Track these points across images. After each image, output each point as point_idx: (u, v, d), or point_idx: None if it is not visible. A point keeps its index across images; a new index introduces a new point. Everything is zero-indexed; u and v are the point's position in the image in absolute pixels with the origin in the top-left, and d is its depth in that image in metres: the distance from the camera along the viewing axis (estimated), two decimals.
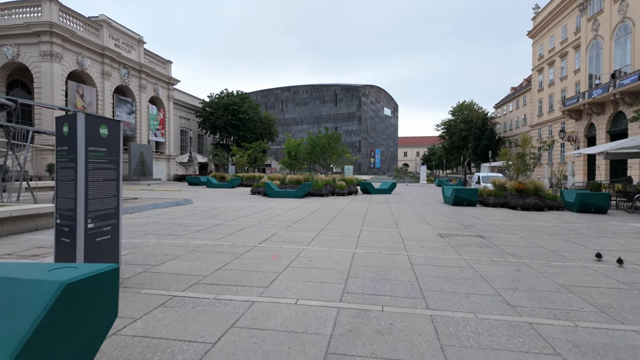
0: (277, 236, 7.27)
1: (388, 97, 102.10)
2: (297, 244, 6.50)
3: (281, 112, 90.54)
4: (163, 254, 5.59)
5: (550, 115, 38.96)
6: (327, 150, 22.61)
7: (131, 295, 3.76)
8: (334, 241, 6.88)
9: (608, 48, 27.91)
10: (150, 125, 37.41)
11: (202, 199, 16.62)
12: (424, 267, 5.12)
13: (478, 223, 10.00)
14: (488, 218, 11.26)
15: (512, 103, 55.79)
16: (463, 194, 15.30)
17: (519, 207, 14.09)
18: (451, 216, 11.57)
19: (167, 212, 11.14)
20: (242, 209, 12.40)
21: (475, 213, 12.63)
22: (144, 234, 7.40)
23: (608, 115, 27.52)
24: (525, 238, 7.70)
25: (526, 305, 3.69)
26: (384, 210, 12.92)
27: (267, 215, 10.71)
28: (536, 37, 42.47)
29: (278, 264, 5.12)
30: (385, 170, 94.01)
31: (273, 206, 13.72)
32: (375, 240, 7.10)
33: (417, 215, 11.76)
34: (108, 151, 4.11)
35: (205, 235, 7.23)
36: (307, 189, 18.43)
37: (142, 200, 13.84)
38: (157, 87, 38.33)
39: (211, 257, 5.46)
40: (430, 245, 6.73)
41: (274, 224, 8.92)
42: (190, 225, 8.54)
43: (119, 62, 32.81)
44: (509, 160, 16.10)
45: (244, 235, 7.28)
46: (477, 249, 6.43)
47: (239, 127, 49.84)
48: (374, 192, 23.10)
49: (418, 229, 8.64)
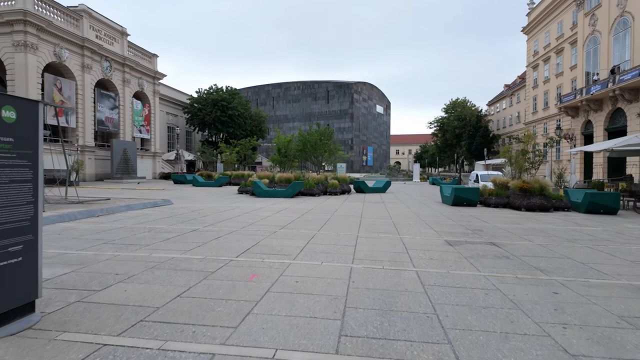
0: (259, 246, 6.19)
1: (380, 95, 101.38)
2: (282, 257, 5.43)
3: (272, 109, 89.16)
4: (113, 274, 4.47)
5: (545, 113, 38.42)
6: (318, 147, 21.51)
7: (39, 347, 2.65)
8: (327, 252, 5.83)
9: (606, 43, 27.27)
10: (135, 121, 35.87)
11: (184, 199, 15.44)
12: (439, 289, 4.10)
13: (485, 227, 9.04)
14: (494, 220, 10.32)
15: (506, 100, 55.32)
16: (463, 193, 14.38)
17: (524, 208, 13.21)
18: (454, 218, 10.61)
19: (140, 215, 9.98)
20: (225, 211, 11.28)
21: (478, 214, 11.69)
22: (102, 243, 6.26)
23: (606, 112, 26.91)
24: (544, 246, 6.75)
25: (592, 355, 2.68)
26: (381, 212, 11.91)
27: (251, 219, 9.62)
28: (531, 33, 41.88)
29: (256, 287, 4.05)
30: (378, 168, 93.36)
31: (260, 207, 12.62)
32: (375, 250, 6.07)
33: (416, 217, 10.78)
34: (17, 143, 2.98)
35: (174, 246, 6.12)
36: (298, 188, 17.35)
37: (115, 201, 12.63)
38: (141, 82, 36.76)
39: (173, 277, 4.37)
40: (440, 256, 5.72)
41: (258, 230, 7.83)
42: (160, 232, 7.41)
43: (100, 54, 31.22)
44: (511, 158, 15.22)
45: (221, 245, 6.19)
46: (495, 262, 5.44)
47: (228, 124, 48.47)
48: (368, 191, 22.12)
49: (422, 235, 7.63)
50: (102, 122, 31.76)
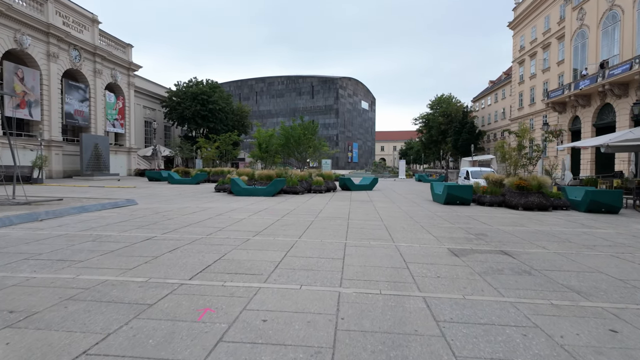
0: (224, 261, 4.98)
1: (365, 90, 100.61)
2: (250, 278, 4.24)
3: (256, 104, 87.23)
4: (6, 311, 3.20)
5: (532, 108, 38.15)
6: (302, 143, 20.24)
7: None
8: (309, 268, 4.66)
9: (595, 38, 26.89)
10: (108, 115, 33.81)
11: (153, 198, 14.02)
12: (460, 329, 2.99)
13: (487, 230, 8.04)
14: (493, 221, 9.36)
15: (491, 96, 55.18)
16: (456, 191, 13.44)
17: (521, 207, 12.34)
18: (450, 219, 9.60)
19: (92, 219, 8.59)
20: (195, 213, 9.98)
21: (474, 214, 10.73)
22: (23, 258, 4.93)
23: (594, 108, 26.56)
24: (563, 255, 5.76)
25: None
26: (370, 212, 10.82)
27: (223, 222, 8.37)
28: (517, 28, 41.53)
29: (204, 332, 2.85)
30: (363, 164, 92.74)
31: (236, 208, 11.35)
32: (367, 264, 4.94)
33: (409, 218, 9.72)
34: None
35: (114, 262, 4.85)
36: (280, 186, 16.12)
37: (69, 202, 11.14)
38: (115, 73, 34.66)
39: (91, 315, 3.12)
40: (448, 272, 4.63)
41: (227, 238, 6.60)
42: (106, 241, 6.10)
43: (68, 42, 29.08)
44: (505, 153, 14.35)
45: (175, 261, 4.95)
46: (516, 279, 4.39)
47: (209, 119, 46.69)
48: (355, 188, 21.06)
49: (419, 242, 6.55)
50: (71, 115, 29.68)
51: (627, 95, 23.01)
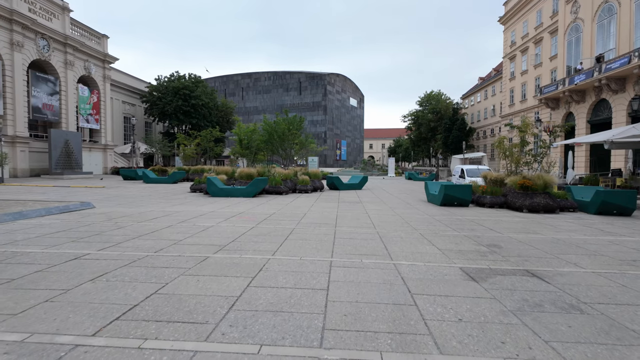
0: (159, 297, 3.58)
1: (354, 87, 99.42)
2: (186, 331, 2.85)
3: (242, 100, 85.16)
4: None
5: (523, 105, 37.44)
6: (287, 138, 18.77)
7: None
8: (277, 310, 3.30)
9: (589, 31, 26.10)
10: (81, 110, 31.73)
11: (116, 200, 12.46)
12: None
13: (498, 239, 6.82)
14: (500, 227, 8.17)
15: (481, 93, 54.54)
16: (454, 192, 12.25)
17: (525, 209, 11.21)
18: (452, 225, 8.37)
19: (24, 228, 7.06)
20: (155, 219, 8.52)
21: (477, 218, 9.54)
22: None
23: (589, 104, 25.81)
24: (605, 276, 4.54)
25: None
26: (361, 217, 9.52)
27: (184, 232, 6.95)
28: (508, 23, 40.75)
29: None
30: (352, 162, 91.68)
31: (207, 212, 9.92)
32: (360, 299, 3.60)
33: (405, 224, 8.46)
34: None
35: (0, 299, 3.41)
36: (261, 186, 14.70)
37: (10, 205, 9.52)
38: (88, 65, 32.55)
39: None
40: (472, 311, 3.33)
41: (179, 256, 5.19)
42: (15, 264, 4.63)
43: (35, 31, 26.95)
44: (505, 150, 13.23)
45: (89, 297, 3.52)
46: (568, 323, 3.12)
47: (191, 115, 44.80)
48: (343, 187, 19.76)
49: (423, 258, 5.27)
50: (39, 110, 27.61)
51: (624, 90, 22.24)
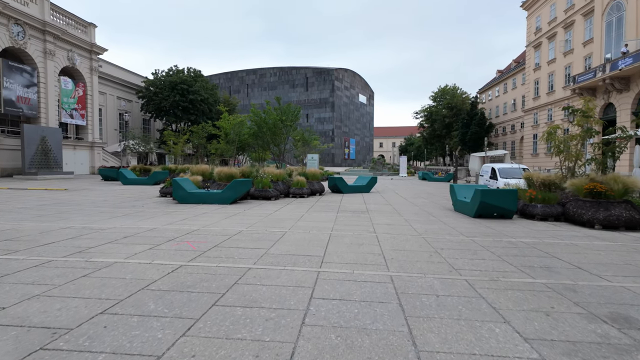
0: None
1: (363, 83, 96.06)
2: None
3: (247, 96, 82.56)
4: None
5: (550, 97, 33.79)
6: (278, 132, 15.71)
7: None
8: None
9: (634, 9, 22.53)
10: (64, 104, 29.24)
11: (47, 210, 9.61)
12: None
13: (609, 295, 3.70)
14: (589, 260, 5.02)
15: (499, 87, 50.79)
16: (494, 199, 9.09)
17: (598, 224, 7.99)
18: (509, 258, 5.25)
19: None
20: (78, 236, 5.58)
21: (539, 242, 6.39)
22: None
23: (635, 93, 22.24)
24: None
25: None
26: (365, 240, 6.45)
27: (39, 283, 3.98)
28: (532, 8, 37.10)
29: None
30: (361, 161, 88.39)
31: (143, 231, 6.96)
32: None
33: (435, 255, 5.37)
34: None
35: None
36: (242, 190, 11.74)
37: None
38: (72, 55, 30.04)
39: None
40: None
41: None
42: None
43: (6, 15, 24.46)
44: (560, 144, 10.01)
45: None
46: None
47: (190, 111, 42.16)
48: (347, 190, 16.68)
49: None
50: (12, 103, 25.12)
51: None
